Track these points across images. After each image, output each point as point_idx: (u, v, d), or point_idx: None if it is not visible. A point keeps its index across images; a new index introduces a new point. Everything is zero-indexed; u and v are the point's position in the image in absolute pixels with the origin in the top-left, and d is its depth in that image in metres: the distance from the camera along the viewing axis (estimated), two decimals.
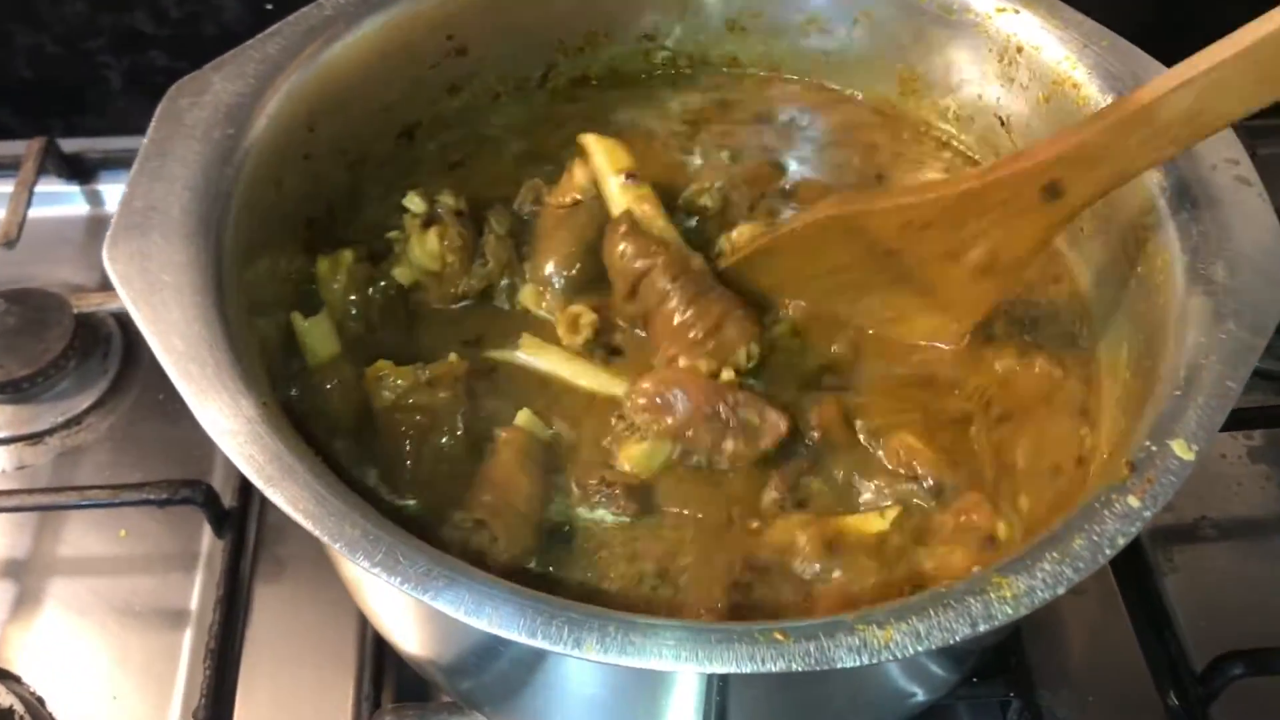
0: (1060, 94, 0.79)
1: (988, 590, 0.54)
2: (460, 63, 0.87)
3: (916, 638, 0.53)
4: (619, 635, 0.52)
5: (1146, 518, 0.57)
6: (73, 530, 0.92)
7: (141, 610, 0.88)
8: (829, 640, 0.52)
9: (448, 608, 0.53)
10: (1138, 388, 0.66)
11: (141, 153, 0.70)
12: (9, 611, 0.88)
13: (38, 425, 0.97)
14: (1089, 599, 0.88)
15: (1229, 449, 0.98)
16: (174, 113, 0.72)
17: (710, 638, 0.52)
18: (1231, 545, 0.93)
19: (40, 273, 1.07)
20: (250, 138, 0.73)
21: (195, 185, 0.69)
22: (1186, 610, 0.88)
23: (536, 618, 0.53)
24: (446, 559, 0.55)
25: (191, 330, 0.62)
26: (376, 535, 0.55)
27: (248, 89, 0.74)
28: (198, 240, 0.67)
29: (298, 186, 0.78)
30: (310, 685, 0.83)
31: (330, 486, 0.57)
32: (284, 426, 0.60)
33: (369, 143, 0.84)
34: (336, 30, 0.79)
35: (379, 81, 0.82)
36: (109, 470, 0.95)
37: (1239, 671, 0.79)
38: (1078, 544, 0.56)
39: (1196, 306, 0.65)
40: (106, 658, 0.85)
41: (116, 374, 1.01)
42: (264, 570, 0.89)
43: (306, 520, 0.56)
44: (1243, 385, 0.61)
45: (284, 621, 0.86)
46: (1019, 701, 0.80)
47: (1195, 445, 0.59)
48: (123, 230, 0.66)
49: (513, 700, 0.71)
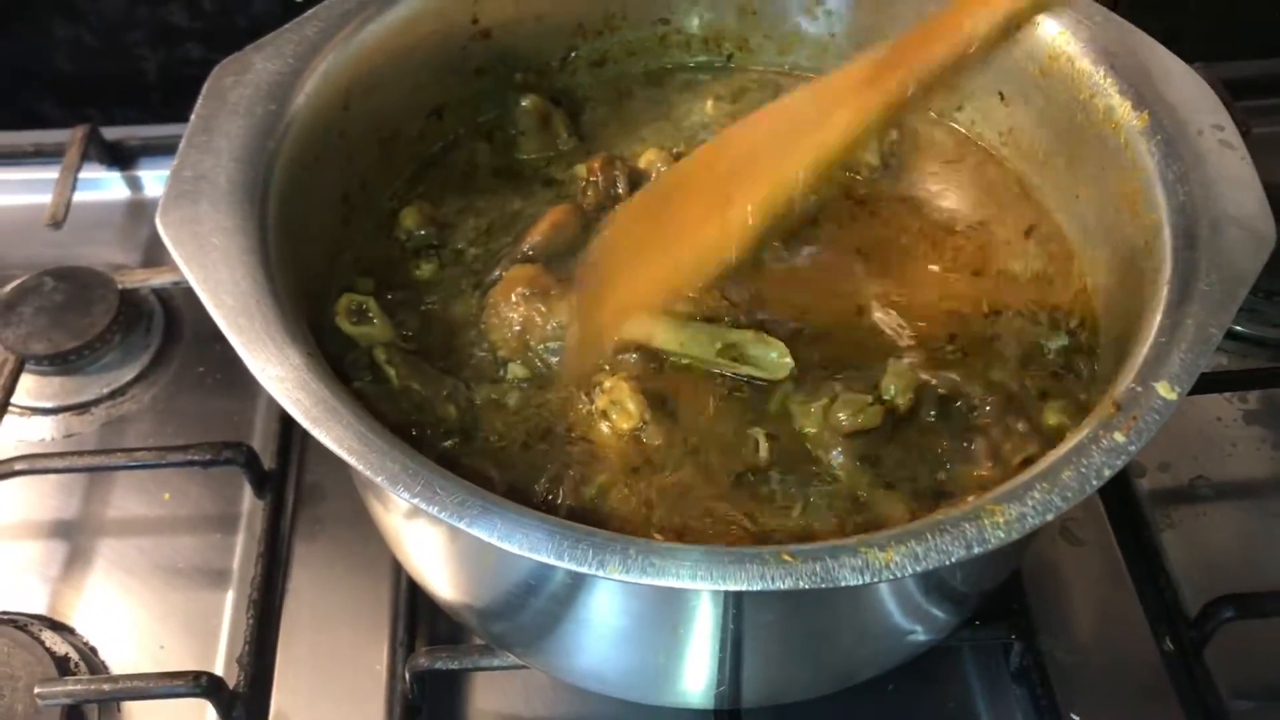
0: (1055, 68, 0.83)
1: (982, 517, 0.58)
2: (485, 45, 0.91)
3: (915, 559, 0.57)
4: (639, 557, 0.57)
5: (1132, 452, 0.61)
6: (119, 494, 0.97)
7: (185, 568, 0.93)
8: (833, 561, 0.56)
9: (482, 533, 0.58)
10: (1127, 335, 0.70)
11: (190, 127, 0.75)
12: (61, 569, 0.93)
13: (85, 396, 1.03)
14: (1089, 551, 0.92)
15: (1225, 412, 1.02)
16: (218, 90, 0.77)
17: (724, 559, 0.57)
18: (1226, 504, 0.96)
19: (85, 253, 1.12)
20: (290, 114, 0.77)
21: (240, 157, 0.74)
22: (1181, 563, 0.92)
23: (564, 541, 0.57)
24: (480, 491, 0.60)
25: (240, 288, 0.67)
26: (415, 470, 0.60)
27: (287, 68, 0.79)
28: (244, 207, 0.71)
29: (333, 160, 0.82)
30: (348, 633, 0.87)
31: (372, 428, 0.62)
32: (327, 374, 0.65)
33: (400, 121, 0.88)
34: (369, 14, 0.83)
35: (409, 63, 0.87)
36: (152, 438, 1.01)
37: (1230, 614, 0.83)
38: (1066, 475, 0.60)
39: (1183, 261, 0.69)
40: (154, 612, 0.90)
41: (158, 348, 1.06)
42: (302, 529, 0.94)
43: (351, 456, 0.60)
44: (1223, 331, 0.65)
45: (322, 576, 0.91)
46: (1020, 645, 0.84)
47: (1178, 387, 0.63)
48: (173, 198, 0.71)
49: (542, 639, 0.75)
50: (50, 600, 0.91)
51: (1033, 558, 0.91)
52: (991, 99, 0.90)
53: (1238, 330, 1.06)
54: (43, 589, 0.91)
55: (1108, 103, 0.80)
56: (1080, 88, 0.82)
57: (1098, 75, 0.81)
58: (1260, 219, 0.71)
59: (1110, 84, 0.80)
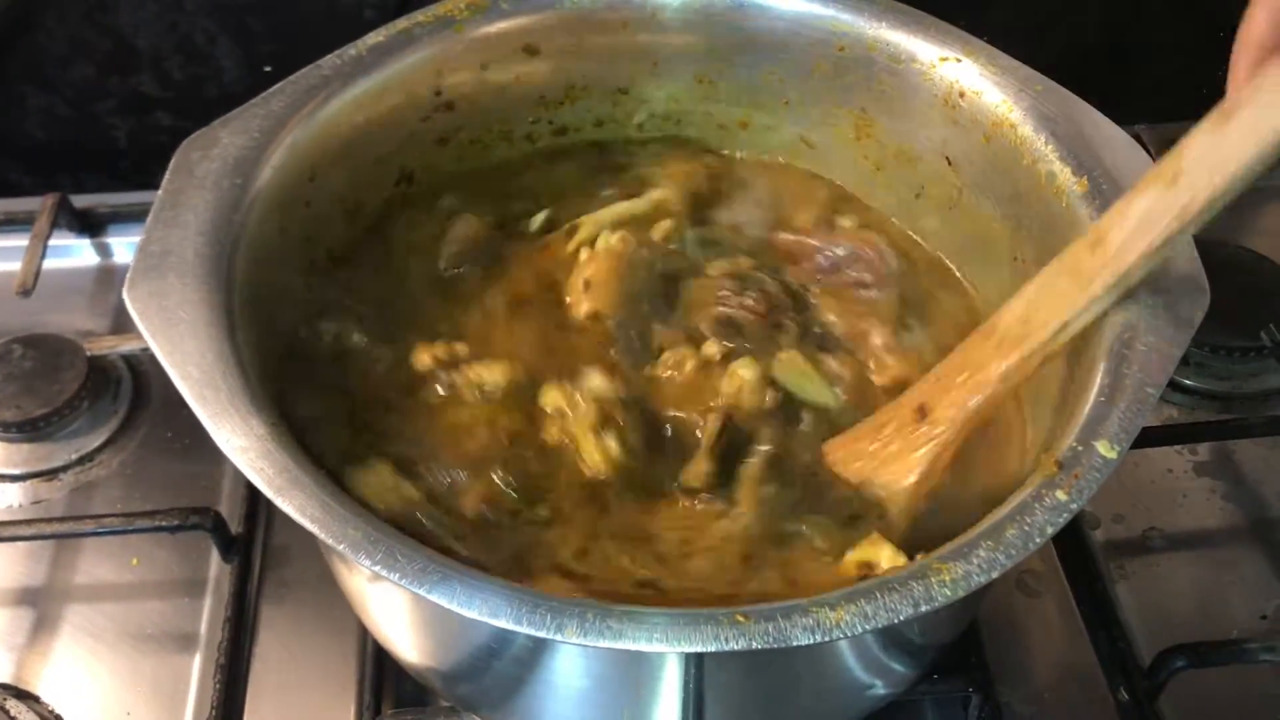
0: (999, 134, 0.86)
1: (929, 575, 0.60)
2: (448, 116, 0.94)
3: (865, 617, 0.59)
4: (596, 620, 0.58)
5: (1073, 509, 0.63)
6: (87, 559, 0.97)
7: (153, 633, 0.93)
8: (786, 621, 0.58)
9: (442, 599, 0.59)
10: (1069, 395, 0.72)
11: (157, 202, 0.77)
12: (27, 636, 0.93)
13: (53, 462, 1.03)
14: (1045, 602, 0.94)
15: (1175, 464, 1.04)
16: (186, 165, 0.79)
17: (679, 621, 0.58)
18: (1177, 554, 0.99)
19: (54, 320, 1.13)
20: (255, 188, 0.79)
21: (206, 231, 0.75)
22: (1135, 613, 0.94)
23: (522, 606, 0.58)
24: (439, 558, 0.61)
25: (205, 360, 0.68)
26: (376, 537, 0.61)
27: (253, 143, 0.81)
28: (210, 280, 0.73)
29: (300, 232, 0.84)
30: (315, 696, 0.88)
31: (334, 496, 0.63)
32: (291, 445, 0.66)
33: (365, 191, 0.91)
34: (333, 89, 0.85)
35: (373, 135, 0.89)
36: (120, 504, 1.01)
37: (1181, 664, 0.85)
38: (1010, 533, 0.62)
39: (1119, 321, 0.71)
40: (121, 678, 0.90)
41: (126, 414, 1.07)
42: (269, 592, 0.95)
43: (313, 525, 0.62)
44: (1160, 390, 0.68)
45: (288, 639, 0.92)
46: (979, 697, 0.86)
47: (1117, 445, 0.65)
48: (141, 272, 0.73)
49: (506, 701, 0.76)
50: (15, 669, 0.91)
51: (990, 609, 0.93)
52: (939, 159, 0.93)
53: (1187, 384, 1.09)
54: (8, 657, 0.91)
55: (1049, 169, 0.83)
56: (1023, 154, 0.85)
57: (1039, 142, 0.84)
58: (1195, 278, 0.73)
59: (1051, 150, 0.83)
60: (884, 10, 0.91)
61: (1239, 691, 0.89)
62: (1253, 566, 0.97)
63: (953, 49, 0.88)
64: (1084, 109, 0.85)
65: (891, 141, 0.95)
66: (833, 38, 0.92)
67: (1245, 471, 1.04)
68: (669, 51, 0.97)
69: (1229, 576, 0.97)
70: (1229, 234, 1.16)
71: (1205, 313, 0.72)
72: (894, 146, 0.95)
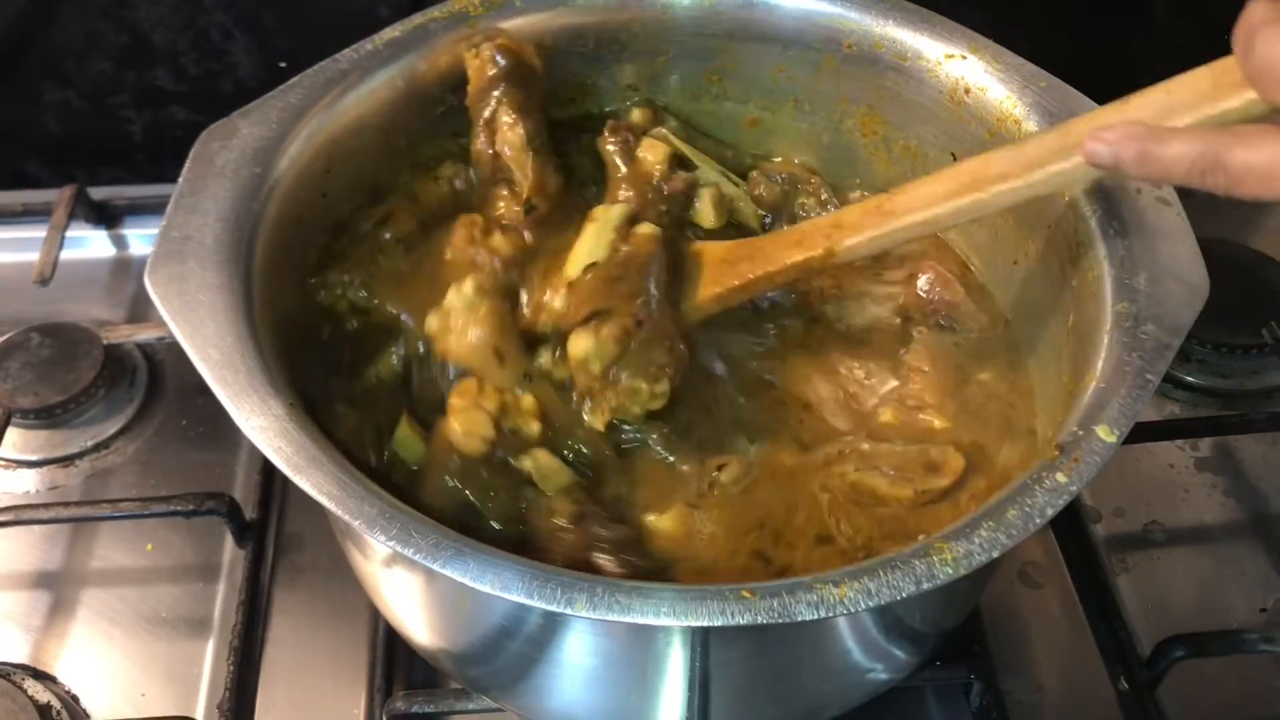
0: (1003, 130, 0.88)
1: (931, 554, 0.61)
2: (462, 110, 0.95)
3: (867, 594, 0.60)
4: (605, 595, 0.59)
5: (1073, 492, 0.64)
6: (102, 544, 0.99)
7: (168, 617, 0.95)
8: (790, 597, 0.59)
9: (455, 574, 0.60)
10: (1071, 385, 0.74)
11: (177, 189, 0.78)
12: (45, 618, 0.95)
13: (69, 449, 1.05)
14: (1047, 594, 0.96)
15: (1177, 459, 1.06)
16: (206, 155, 0.80)
17: (686, 596, 0.60)
18: (1178, 548, 1.00)
19: (72, 309, 1.15)
20: (274, 177, 0.81)
21: (225, 217, 0.77)
22: (1136, 606, 0.95)
23: (533, 581, 0.60)
24: (453, 534, 0.63)
25: (225, 342, 0.70)
26: (391, 514, 0.63)
27: (271, 133, 0.82)
28: (229, 265, 0.75)
29: (315, 220, 0.86)
30: (326, 679, 0.90)
31: (350, 474, 0.65)
32: (308, 424, 0.68)
33: (381, 180, 0.92)
34: (350, 82, 0.87)
35: (389, 127, 0.91)
36: (135, 490, 1.03)
37: (1180, 654, 0.86)
38: (1011, 514, 0.63)
39: (1121, 311, 0.73)
40: (135, 660, 0.92)
41: (142, 402, 1.09)
42: (282, 577, 0.96)
43: (329, 502, 0.63)
44: (1160, 378, 0.69)
45: (301, 623, 0.93)
46: (980, 685, 0.87)
47: (1117, 429, 0.67)
48: (161, 257, 0.74)
49: (516, 682, 0.78)
50: (33, 650, 0.92)
51: (993, 600, 0.94)
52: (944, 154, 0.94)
53: (1189, 381, 1.10)
54: (25, 639, 0.93)
55: None
56: None
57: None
58: (1195, 271, 0.75)
59: None
60: (891, 8, 0.92)
61: (1238, 683, 0.91)
62: (1252, 561, 0.99)
63: (958, 46, 0.90)
64: (1087, 105, 0.86)
65: (898, 138, 0.96)
66: (840, 35, 0.93)
67: (1246, 467, 1.05)
68: (678, 49, 0.98)
69: (1229, 571, 0.98)
70: (1229, 232, 1.18)
71: (1204, 302, 0.73)
72: (900, 143, 0.96)
